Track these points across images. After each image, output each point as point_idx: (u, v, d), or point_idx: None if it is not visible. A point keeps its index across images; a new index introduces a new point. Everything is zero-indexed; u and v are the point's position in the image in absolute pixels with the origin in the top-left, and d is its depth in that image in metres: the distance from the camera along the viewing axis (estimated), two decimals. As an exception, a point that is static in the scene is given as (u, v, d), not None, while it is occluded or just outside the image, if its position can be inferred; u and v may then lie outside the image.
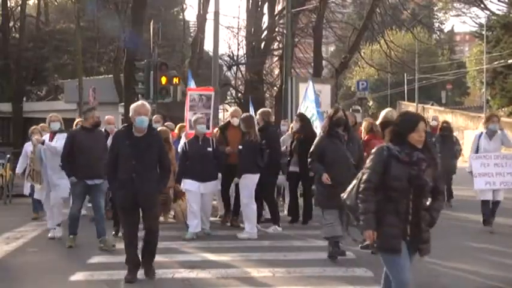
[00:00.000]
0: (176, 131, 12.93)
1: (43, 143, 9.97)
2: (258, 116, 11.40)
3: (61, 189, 9.93)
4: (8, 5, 38.55)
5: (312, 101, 13.00)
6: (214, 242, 9.57)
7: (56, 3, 45.92)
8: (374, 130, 9.65)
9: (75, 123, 13.12)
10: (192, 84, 13.63)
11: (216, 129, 11.86)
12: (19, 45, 36.89)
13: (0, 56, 36.67)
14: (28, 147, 11.73)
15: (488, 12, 44.76)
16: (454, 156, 14.12)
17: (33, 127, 12.03)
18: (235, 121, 11.11)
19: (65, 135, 9.65)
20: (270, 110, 13.02)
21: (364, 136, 9.81)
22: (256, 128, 10.47)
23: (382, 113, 9.29)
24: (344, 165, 7.97)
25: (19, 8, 39.26)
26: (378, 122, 9.48)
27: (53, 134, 10.01)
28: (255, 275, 7.54)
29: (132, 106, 7.29)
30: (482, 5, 43.60)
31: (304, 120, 11.57)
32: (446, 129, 14.17)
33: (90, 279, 7.42)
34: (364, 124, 10.23)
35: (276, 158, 10.86)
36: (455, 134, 15.74)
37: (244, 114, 10.92)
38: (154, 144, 7.25)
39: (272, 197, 11.25)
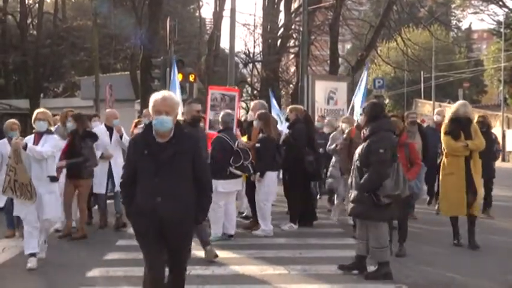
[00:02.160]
0: None
1: (25, 147, 7.65)
2: (288, 111, 11.24)
3: (49, 207, 7.90)
4: (26, 2, 38.87)
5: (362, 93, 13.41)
6: (230, 239, 9.55)
7: (73, 1, 46.20)
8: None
9: (134, 122, 12.67)
10: (175, 72, 13.63)
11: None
12: (36, 42, 37.26)
13: (18, 52, 37.03)
14: (2, 147, 9.33)
15: (506, 10, 44.39)
16: (494, 157, 12.39)
17: (11, 121, 9.59)
18: (251, 115, 10.85)
19: (54, 137, 8.13)
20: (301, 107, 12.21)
21: None
22: (275, 124, 10.33)
23: (453, 108, 9.05)
24: None
25: (37, 5, 39.63)
26: (446, 120, 9.19)
27: (38, 136, 7.97)
28: (271, 273, 7.51)
29: (150, 100, 5.13)
30: (500, 2, 43.22)
31: None
32: (483, 125, 11.35)
33: (106, 275, 7.44)
34: None
35: (298, 155, 10.52)
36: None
37: (260, 111, 10.46)
38: (185, 152, 5.03)
39: (295, 194, 10.76)
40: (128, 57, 36.62)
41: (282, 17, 33.54)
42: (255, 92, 35.56)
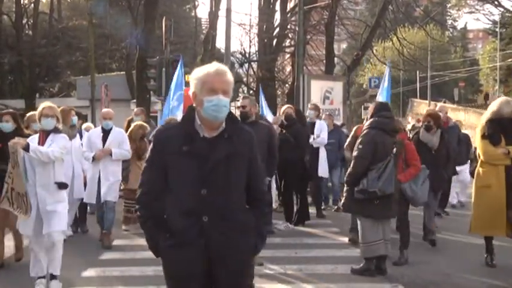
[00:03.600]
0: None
1: (27, 148, 6.40)
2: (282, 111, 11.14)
3: (57, 220, 6.63)
4: (22, 2, 38.81)
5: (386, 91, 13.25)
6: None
7: (68, 0, 46.13)
8: (403, 129, 8.74)
9: (126, 120, 12.01)
10: (181, 71, 13.71)
11: None
12: (32, 42, 37.22)
13: (13, 52, 36.98)
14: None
15: (502, 9, 44.56)
16: None
17: (6, 111, 8.67)
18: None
19: (63, 136, 6.84)
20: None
21: None
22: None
23: (493, 106, 7.79)
24: None
25: (32, 5, 39.55)
26: (485, 119, 7.80)
27: (44, 135, 6.73)
28: (267, 272, 7.51)
29: (196, 74, 3.55)
30: (496, 2, 43.32)
31: None
32: None
33: (102, 275, 7.44)
34: None
35: (300, 156, 10.55)
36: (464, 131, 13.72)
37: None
38: (242, 153, 3.54)
39: (290, 194, 10.93)
40: (124, 57, 36.58)
41: (277, 16, 33.53)
42: (251, 91, 35.52)
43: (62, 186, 6.76)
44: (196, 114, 3.51)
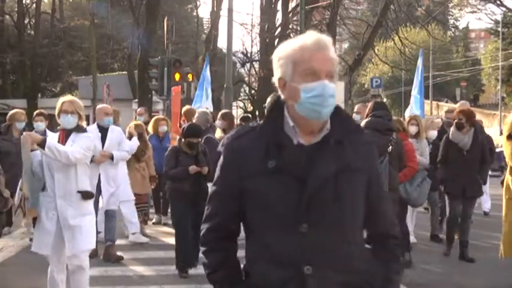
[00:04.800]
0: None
1: (43, 143, 5.17)
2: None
3: (83, 237, 5.49)
4: (24, 2, 38.89)
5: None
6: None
7: (70, 0, 46.18)
8: (405, 129, 8.24)
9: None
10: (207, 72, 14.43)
11: None
12: (34, 42, 37.29)
13: (15, 52, 37.02)
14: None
15: (504, 9, 44.46)
16: None
17: (15, 111, 8.50)
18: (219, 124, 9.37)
19: (88, 136, 5.65)
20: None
21: None
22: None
23: None
24: None
25: (34, 5, 39.59)
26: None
27: (65, 134, 5.56)
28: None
29: (281, 50, 2.36)
30: (498, 2, 43.29)
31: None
32: None
33: (105, 274, 7.44)
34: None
35: None
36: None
37: (224, 110, 10.06)
38: (359, 168, 2.32)
39: None
40: (126, 57, 36.60)
41: (279, 16, 33.58)
42: (253, 91, 35.56)
43: (86, 195, 5.56)
44: (287, 112, 2.35)
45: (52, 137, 5.59)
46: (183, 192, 7.24)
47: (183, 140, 7.38)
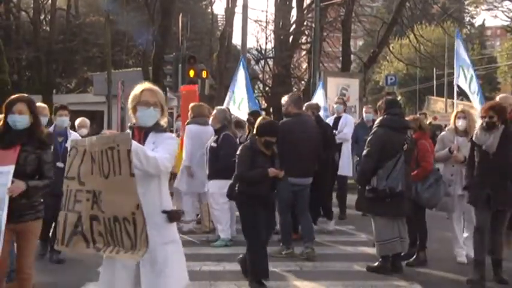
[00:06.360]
0: None
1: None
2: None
3: (172, 272, 4.15)
4: (39, -2, 39.10)
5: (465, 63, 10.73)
6: (241, 235, 9.55)
7: (85, -3, 46.38)
8: (423, 127, 8.11)
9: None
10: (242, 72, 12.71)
11: None
12: (49, 38, 37.49)
13: (30, 48, 37.23)
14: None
15: (520, 6, 44.09)
16: None
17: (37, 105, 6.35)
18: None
19: (171, 136, 4.40)
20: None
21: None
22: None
23: None
24: None
25: (50, 1, 39.77)
26: None
27: (141, 133, 4.27)
28: (283, 269, 7.52)
29: None
30: (514, -1, 42.94)
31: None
32: None
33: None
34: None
35: (329, 155, 9.58)
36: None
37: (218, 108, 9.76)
38: None
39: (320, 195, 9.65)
40: (140, 53, 36.69)
41: (294, 13, 33.45)
42: (267, 88, 35.51)
43: (173, 217, 4.25)
44: None
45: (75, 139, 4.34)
46: (259, 197, 6.69)
47: (257, 138, 6.71)
